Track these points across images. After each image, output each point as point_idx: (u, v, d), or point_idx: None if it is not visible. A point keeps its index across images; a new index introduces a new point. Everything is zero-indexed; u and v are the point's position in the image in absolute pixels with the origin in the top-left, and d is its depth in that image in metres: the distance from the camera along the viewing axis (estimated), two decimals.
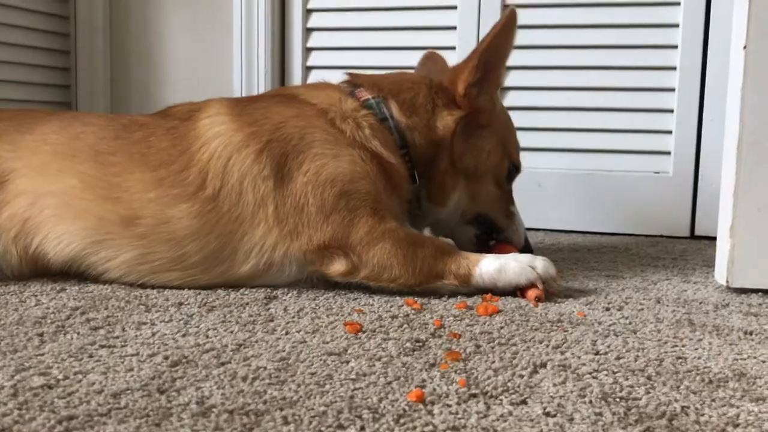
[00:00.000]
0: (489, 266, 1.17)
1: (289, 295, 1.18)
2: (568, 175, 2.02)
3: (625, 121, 1.98)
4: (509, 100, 1.97)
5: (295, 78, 2.24)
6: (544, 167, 2.02)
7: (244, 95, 2.14)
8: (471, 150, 1.34)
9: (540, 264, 1.18)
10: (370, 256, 1.17)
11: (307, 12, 2.22)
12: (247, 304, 1.12)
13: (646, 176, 1.98)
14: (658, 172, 1.97)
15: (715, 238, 1.30)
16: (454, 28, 2.07)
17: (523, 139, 1.50)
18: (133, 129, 1.30)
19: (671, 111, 1.94)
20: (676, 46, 1.91)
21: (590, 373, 0.81)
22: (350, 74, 1.42)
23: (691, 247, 1.80)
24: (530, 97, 2.03)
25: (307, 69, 2.24)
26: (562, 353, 0.88)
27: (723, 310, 1.13)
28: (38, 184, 1.24)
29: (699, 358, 0.88)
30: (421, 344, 0.91)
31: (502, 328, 0.99)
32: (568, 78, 2.01)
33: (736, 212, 1.21)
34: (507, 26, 1.28)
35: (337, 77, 1.43)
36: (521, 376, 0.79)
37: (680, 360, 0.86)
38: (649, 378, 0.80)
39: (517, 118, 1.50)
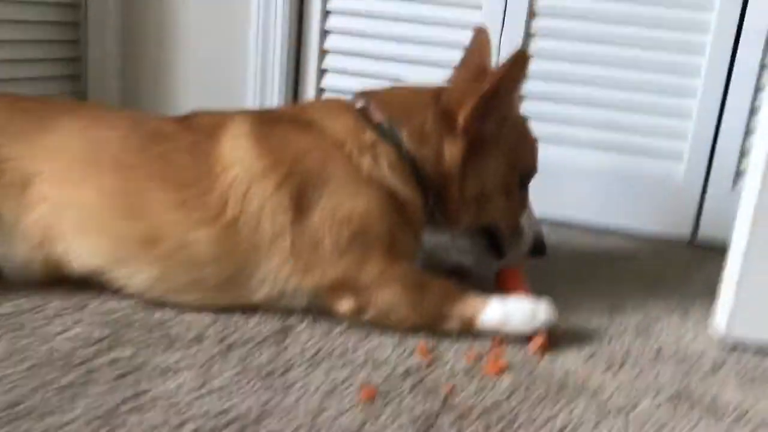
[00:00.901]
0: (493, 315, 1.22)
1: (304, 326, 1.22)
2: (583, 170, 2.04)
3: (643, 121, 1.99)
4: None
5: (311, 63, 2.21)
6: (558, 160, 2.02)
7: (258, 86, 2.18)
8: (476, 177, 1.34)
9: (543, 312, 1.22)
10: (379, 298, 1.21)
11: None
12: (264, 340, 1.16)
13: (657, 179, 2.00)
14: (669, 175, 1.99)
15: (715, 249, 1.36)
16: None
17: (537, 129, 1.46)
18: (158, 140, 1.29)
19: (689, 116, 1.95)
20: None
21: None
22: (360, 93, 1.39)
23: (693, 261, 1.84)
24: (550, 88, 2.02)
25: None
26: None
27: (720, 372, 1.19)
28: (60, 191, 1.25)
29: None
30: (432, 422, 0.96)
31: (510, 395, 1.05)
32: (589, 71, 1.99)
33: (743, 272, 1.25)
34: (516, 65, 1.25)
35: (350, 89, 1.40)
36: None
37: None
38: None
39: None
